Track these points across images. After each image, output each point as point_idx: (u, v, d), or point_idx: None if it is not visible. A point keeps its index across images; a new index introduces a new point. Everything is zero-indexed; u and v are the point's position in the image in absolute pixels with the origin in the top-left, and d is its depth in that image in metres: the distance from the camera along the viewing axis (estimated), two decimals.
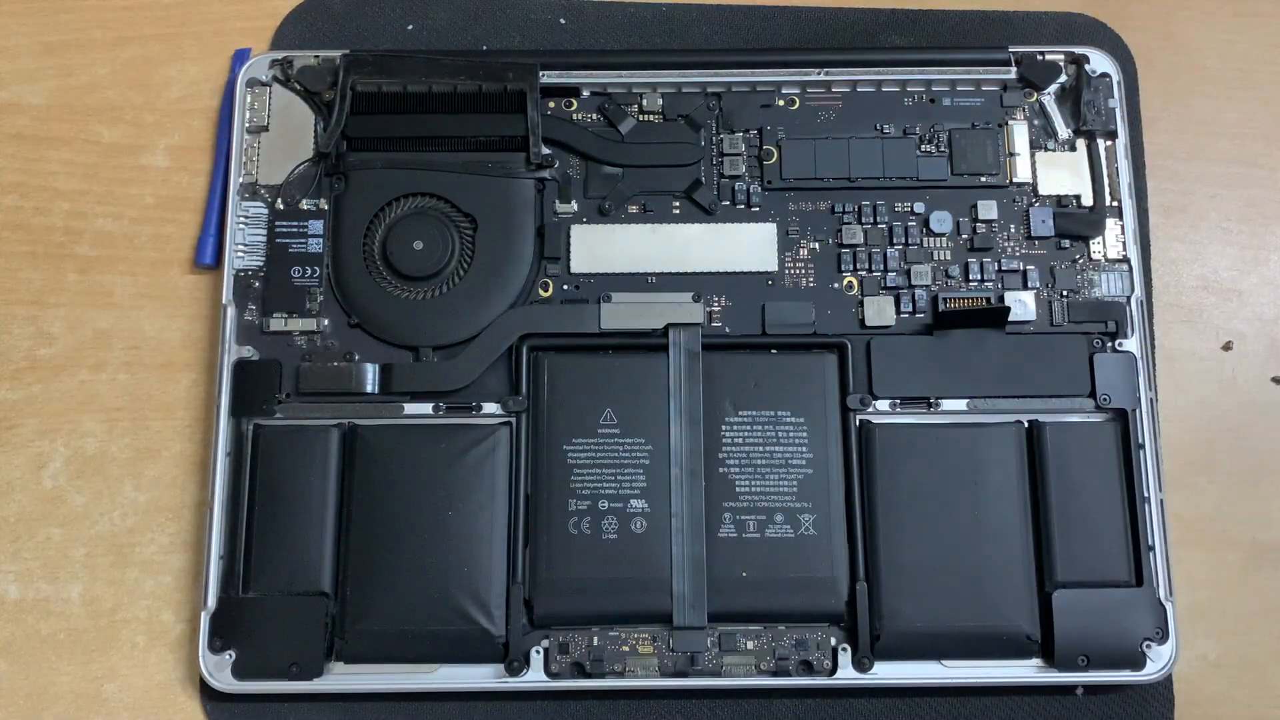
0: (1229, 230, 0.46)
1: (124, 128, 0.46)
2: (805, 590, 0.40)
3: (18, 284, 0.45)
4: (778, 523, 0.40)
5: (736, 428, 0.41)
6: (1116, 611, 0.40)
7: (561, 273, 0.43)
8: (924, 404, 0.42)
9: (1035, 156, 0.44)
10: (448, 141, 0.43)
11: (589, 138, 0.44)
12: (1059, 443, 0.41)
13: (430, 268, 0.42)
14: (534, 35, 0.47)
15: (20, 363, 0.44)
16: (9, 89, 0.47)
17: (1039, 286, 0.43)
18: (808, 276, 0.43)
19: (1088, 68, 0.45)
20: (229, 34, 0.47)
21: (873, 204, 0.44)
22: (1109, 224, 0.44)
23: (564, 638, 0.40)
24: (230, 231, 0.43)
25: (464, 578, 0.40)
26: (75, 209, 0.45)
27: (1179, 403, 0.44)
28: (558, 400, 0.41)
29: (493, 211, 0.43)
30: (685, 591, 0.40)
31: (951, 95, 0.45)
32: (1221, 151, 0.47)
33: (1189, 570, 0.43)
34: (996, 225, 0.44)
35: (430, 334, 0.42)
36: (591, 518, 0.40)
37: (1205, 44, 0.48)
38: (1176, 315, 0.45)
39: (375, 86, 0.43)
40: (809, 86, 0.45)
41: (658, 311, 0.42)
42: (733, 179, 0.44)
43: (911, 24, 0.47)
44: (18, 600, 0.42)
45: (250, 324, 0.42)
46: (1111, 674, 0.40)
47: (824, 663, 0.40)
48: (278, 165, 0.44)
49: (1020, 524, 0.40)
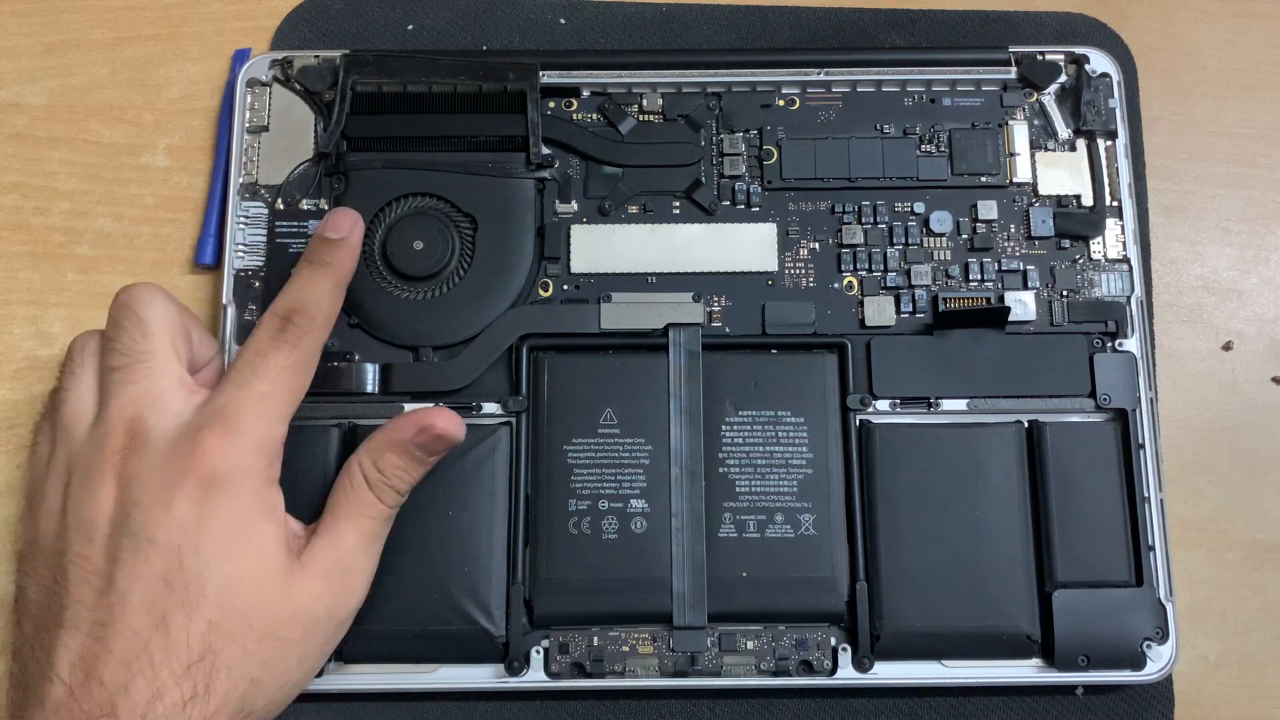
0: (1229, 230, 0.46)
1: (124, 128, 0.46)
2: (805, 590, 0.40)
3: (18, 284, 0.45)
4: (778, 523, 0.40)
5: (736, 428, 0.41)
6: (1116, 611, 0.40)
7: (561, 273, 0.43)
8: (924, 404, 0.42)
9: (1035, 156, 0.44)
10: (448, 141, 0.44)
11: (589, 138, 0.44)
12: (1059, 443, 0.41)
13: (430, 268, 0.42)
14: (534, 35, 0.47)
15: (20, 363, 0.44)
16: (9, 89, 0.47)
17: (1039, 286, 0.43)
18: (808, 276, 0.43)
19: (1088, 68, 0.45)
20: (229, 34, 0.47)
21: (873, 204, 0.44)
22: (1109, 224, 0.44)
23: (564, 638, 0.40)
24: (230, 231, 0.43)
25: (464, 578, 0.40)
26: (75, 209, 0.45)
27: (1179, 403, 0.44)
28: (558, 400, 0.41)
29: (493, 211, 0.43)
30: (685, 591, 0.40)
31: (951, 95, 0.45)
32: (1221, 151, 0.47)
33: (1189, 570, 0.43)
34: (996, 225, 0.44)
35: (430, 334, 0.42)
36: (591, 518, 0.40)
37: (1205, 44, 0.48)
38: (1176, 315, 0.45)
39: (375, 86, 0.43)
40: (809, 86, 0.45)
41: (658, 311, 0.42)
42: (733, 179, 0.44)
43: (911, 24, 0.47)
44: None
45: (250, 324, 0.42)
46: (1111, 674, 0.40)
47: (824, 663, 0.40)
48: (278, 165, 0.44)
49: (1020, 524, 0.40)
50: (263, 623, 0.35)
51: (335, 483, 0.38)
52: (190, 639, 0.33)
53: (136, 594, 0.34)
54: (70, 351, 0.38)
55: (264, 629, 0.35)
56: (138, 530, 0.34)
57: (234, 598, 0.34)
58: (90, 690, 0.33)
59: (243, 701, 0.34)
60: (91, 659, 0.33)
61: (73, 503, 0.35)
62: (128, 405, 0.36)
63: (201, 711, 0.33)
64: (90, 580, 0.34)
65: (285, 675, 0.36)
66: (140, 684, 0.33)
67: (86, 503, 0.35)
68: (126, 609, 0.33)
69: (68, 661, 0.33)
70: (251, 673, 0.34)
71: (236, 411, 0.36)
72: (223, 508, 0.35)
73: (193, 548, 0.34)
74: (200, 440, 0.35)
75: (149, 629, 0.33)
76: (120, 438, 0.35)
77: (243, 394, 0.36)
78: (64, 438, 0.37)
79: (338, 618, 0.37)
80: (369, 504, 0.37)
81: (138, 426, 0.36)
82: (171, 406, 0.36)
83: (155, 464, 0.35)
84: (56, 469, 0.36)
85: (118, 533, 0.34)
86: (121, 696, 0.32)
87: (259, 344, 0.37)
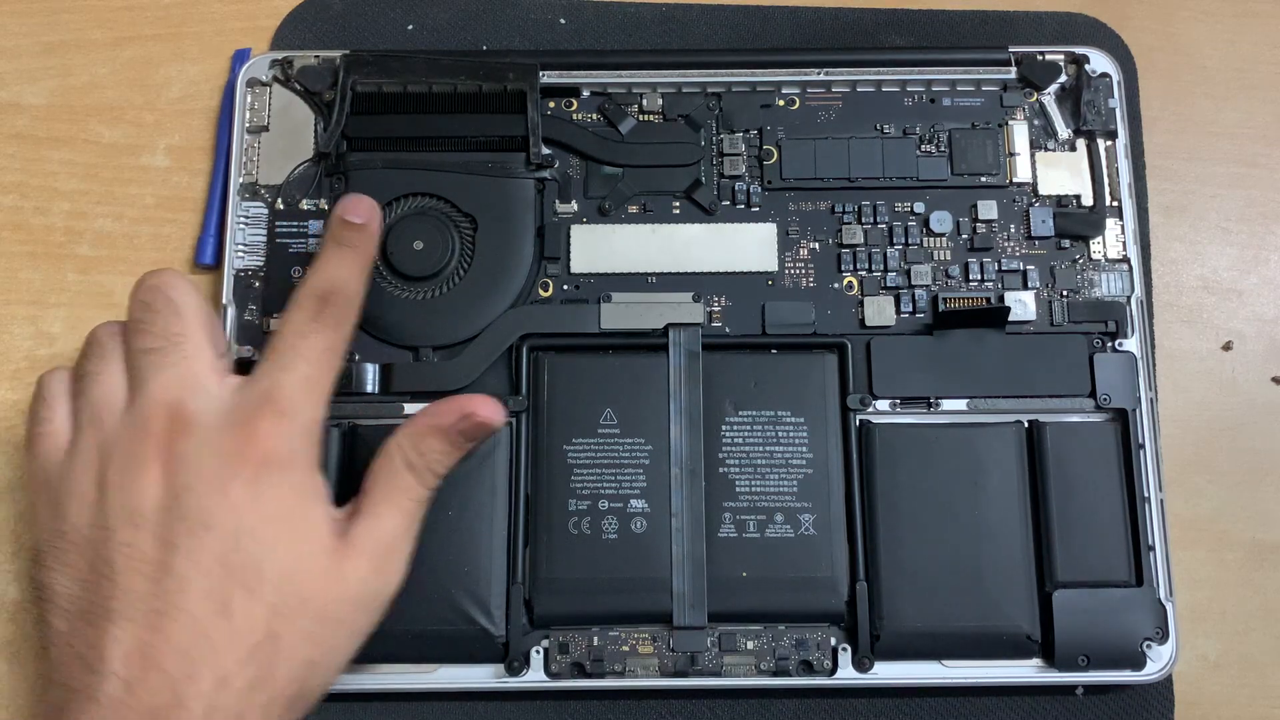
0: (1229, 230, 0.46)
1: (124, 128, 0.46)
2: (805, 590, 0.40)
3: (18, 284, 0.45)
4: (778, 523, 0.40)
5: (736, 428, 0.41)
6: (1116, 611, 0.40)
7: (561, 273, 0.43)
8: (924, 404, 0.42)
9: (1035, 156, 0.44)
10: (448, 141, 0.44)
11: (589, 138, 0.44)
12: (1059, 443, 0.41)
13: (430, 268, 0.42)
14: (534, 35, 0.47)
15: (20, 363, 0.44)
16: (9, 89, 0.47)
17: (1039, 286, 0.43)
18: (808, 276, 0.43)
19: (1088, 68, 0.45)
20: (229, 34, 0.47)
21: (873, 204, 0.44)
22: (1109, 224, 0.44)
23: (564, 638, 0.40)
24: (230, 231, 0.43)
25: (464, 578, 0.40)
26: (75, 209, 0.45)
27: (1179, 403, 0.44)
28: (558, 400, 0.41)
29: (493, 211, 0.43)
30: (685, 591, 0.40)
31: (951, 95, 0.45)
32: (1221, 151, 0.47)
33: (1189, 570, 0.43)
34: (996, 225, 0.44)
35: (430, 334, 0.42)
36: (591, 518, 0.40)
37: (1205, 44, 0.48)
38: (1176, 315, 0.45)
39: (375, 86, 0.43)
40: (809, 86, 0.45)
41: (658, 311, 0.42)
42: (733, 179, 0.44)
43: (911, 24, 0.47)
44: (18, 600, 0.42)
45: (250, 324, 0.42)
46: (1111, 674, 0.40)
47: (824, 663, 0.40)
48: (278, 165, 0.44)
49: (1020, 524, 0.40)
50: (318, 604, 0.34)
51: (373, 465, 0.37)
52: (252, 623, 0.33)
53: (196, 580, 0.33)
54: (96, 336, 0.37)
55: (319, 610, 0.34)
56: (192, 515, 0.34)
57: (292, 580, 0.34)
58: (150, 681, 0.32)
59: (301, 684, 0.34)
60: (150, 650, 0.32)
61: (113, 489, 0.34)
62: (167, 388, 0.35)
63: (265, 695, 0.33)
64: (141, 569, 0.33)
65: (337, 656, 0.36)
66: (205, 671, 0.32)
67: (131, 489, 0.34)
68: (186, 596, 0.33)
69: (121, 654, 0.32)
70: (309, 654, 0.34)
71: (286, 394, 0.35)
72: (278, 491, 0.34)
73: (250, 531, 0.34)
74: (254, 423, 0.35)
75: (211, 615, 0.33)
76: (162, 421, 0.35)
77: (289, 377, 0.36)
78: (92, 423, 0.36)
79: (382, 598, 0.37)
80: (409, 487, 0.37)
81: (179, 410, 0.35)
82: (210, 389, 0.36)
83: (205, 447, 0.34)
84: (85, 456, 0.35)
85: (169, 518, 0.34)
86: (186, 685, 0.32)
87: (297, 325, 0.37)
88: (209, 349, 0.37)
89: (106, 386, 0.36)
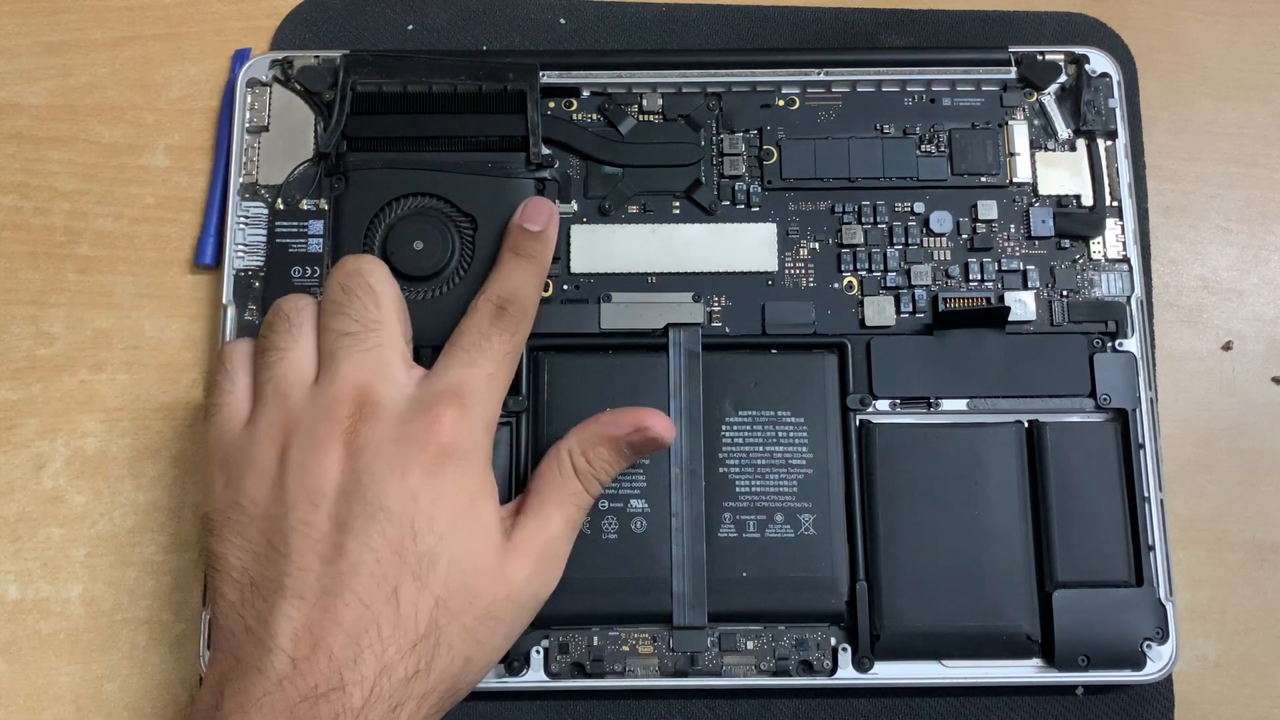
0: (1229, 230, 0.46)
1: (124, 128, 0.46)
2: (805, 590, 0.40)
3: (18, 284, 0.45)
4: (778, 523, 0.40)
5: (736, 428, 0.41)
6: (1116, 611, 0.40)
7: (561, 273, 0.43)
8: (924, 404, 0.42)
9: (1035, 156, 0.44)
10: (448, 141, 0.43)
11: (589, 138, 0.44)
12: (1059, 443, 0.41)
13: (430, 268, 0.42)
14: (534, 35, 0.47)
15: (20, 363, 0.44)
16: (9, 89, 0.47)
17: (1039, 286, 0.43)
18: (808, 276, 0.43)
19: (1088, 68, 0.45)
20: (229, 34, 0.47)
21: (873, 204, 0.44)
22: (1109, 224, 0.44)
23: (564, 638, 0.40)
24: (230, 231, 0.43)
25: None
26: (75, 209, 0.45)
27: (1179, 403, 0.44)
28: (558, 400, 0.41)
29: (493, 211, 0.43)
30: (685, 591, 0.40)
31: (951, 95, 0.45)
32: (1221, 151, 0.47)
33: (1189, 570, 0.43)
34: (996, 225, 0.44)
35: (430, 334, 0.42)
36: (591, 518, 0.40)
37: (1205, 44, 0.48)
38: (1176, 315, 0.45)
39: (375, 86, 0.43)
40: (809, 86, 0.45)
41: (658, 311, 0.42)
42: (733, 179, 0.44)
43: (911, 24, 0.47)
44: (18, 600, 0.42)
45: (250, 324, 0.42)
46: (1111, 674, 0.40)
47: (824, 663, 0.40)
48: (278, 165, 0.44)
49: (1020, 524, 0.40)
50: (483, 601, 0.34)
51: (540, 467, 0.38)
52: (419, 614, 0.33)
53: (368, 564, 0.33)
54: (285, 311, 0.38)
55: (483, 608, 0.34)
56: (371, 499, 0.34)
57: (461, 574, 0.34)
58: (316, 662, 0.32)
59: (455, 680, 0.34)
60: (319, 630, 0.32)
61: (294, 466, 0.34)
62: (358, 371, 0.36)
63: (422, 688, 0.33)
64: (316, 548, 0.33)
65: (492, 655, 0.36)
66: (369, 658, 0.32)
67: (313, 468, 0.34)
68: (357, 579, 0.33)
69: (290, 631, 0.32)
70: (467, 651, 0.34)
71: (471, 388, 0.36)
72: (456, 482, 0.35)
73: (427, 520, 0.34)
74: (438, 414, 0.35)
75: (380, 602, 0.33)
76: (349, 404, 0.35)
77: (472, 373, 0.36)
78: (278, 399, 0.36)
79: (540, 600, 0.37)
80: (576, 493, 0.37)
81: (368, 395, 0.35)
82: (399, 378, 0.36)
83: (388, 433, 0.35)
84: (268, 432, 0.35)
85: (347, 500, 0.34)
86: (349, 670, 0.32)
87: (480, 326, 0.37)
88: (401, 339, 0.37)
89: (295, 364, 0.36)
